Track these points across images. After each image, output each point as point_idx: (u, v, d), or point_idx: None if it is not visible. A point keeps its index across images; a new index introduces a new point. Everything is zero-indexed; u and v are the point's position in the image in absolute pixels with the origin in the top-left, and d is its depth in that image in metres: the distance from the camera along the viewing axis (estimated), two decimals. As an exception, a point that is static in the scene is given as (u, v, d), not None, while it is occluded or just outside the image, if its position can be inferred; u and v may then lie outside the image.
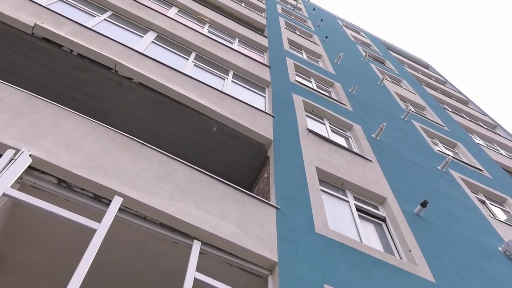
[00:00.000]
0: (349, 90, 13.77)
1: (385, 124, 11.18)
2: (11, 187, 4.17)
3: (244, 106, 8.88)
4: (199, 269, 4.61)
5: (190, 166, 6.01)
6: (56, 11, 8.15)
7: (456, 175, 11.46)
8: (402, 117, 14.27)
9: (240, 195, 6.05)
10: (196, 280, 4.45)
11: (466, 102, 23.84)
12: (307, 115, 10.40)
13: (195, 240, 4.96)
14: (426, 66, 30.24)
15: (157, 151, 5.92)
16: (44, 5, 8.12)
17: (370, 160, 9.41)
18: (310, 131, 9.24)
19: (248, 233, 5.38)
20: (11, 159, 4.41)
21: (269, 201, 6.43)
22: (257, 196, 6.29)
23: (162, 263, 5.30)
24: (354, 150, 9.83)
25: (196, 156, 8.27)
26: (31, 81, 7.54)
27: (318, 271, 5.37)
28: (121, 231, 4.90)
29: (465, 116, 20.32)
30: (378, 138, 10.94)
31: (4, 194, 4.06)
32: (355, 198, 7.95)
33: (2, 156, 4.37)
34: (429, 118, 16.45)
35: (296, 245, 5.65)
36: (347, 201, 7.76)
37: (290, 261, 5.31)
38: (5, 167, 4.30)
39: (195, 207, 5.30)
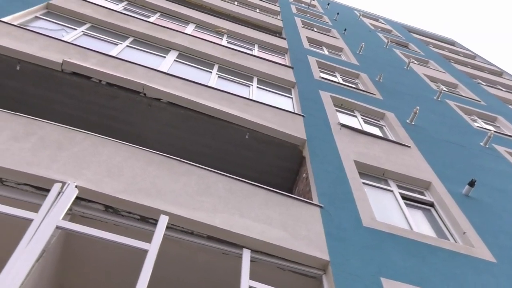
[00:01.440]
0: (376, 79, 13.57)
1: (418, 107, 10.94)
2: (62, 219, 4.33)
3: (272, 110, 8.90)
4: (252, 277, 4.62)
5: (229, 177, 6.06)
6: (81, 45, 8.44)
7: (501, 149, 11.07)
8: (434, 98, 13.93)
9: (282, 199, 6.05)
10: (250, 289, 4.47)
11: (500, 73, 23.01)
12: (337, 110, 10.30)
13: (244, 249, 4.98)
14: (452, 43, 29.43)
15: (195, 165, 6.01)
16: (69, 41, 8.43)
17: (409, 146, 9.22)
18: (343, 125, 9.16)
19: (295, 235, 5.36)
20: (59, 193, 4.58)
21: (312, 200, 6.40)
22: (299, 198, 6.28)
23: (214, 275, 5.35)
24: (391, 138, 9.67)
25: (232, 166, 8.32)
26: (66, 115, 7.80)
27: (372, 265, 5.29)
28: (171, 248, 4.98)
29: (501, 88, 19.62)
30: (413, 123, 10.72)
31: (57, 227, 4.22)
32: (399, 187, 7.80)
33: (51, 191, 4.55)
34: (463, 95, 15.99)
35: (346, 241, 5.59)
36: (391, 191, 7.63)
37: (342, 258, 5.26)
38: (55, 200, 4.47)
39: (240, 216, 5.33)
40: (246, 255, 4.90)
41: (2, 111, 5.68)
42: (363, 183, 7.40)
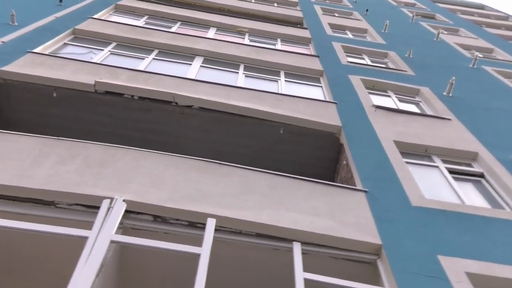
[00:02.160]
0: (405, 55, 13.25)
1: (454, 78, 10.60)
2: (115, 233, 4.48)
3: (304, 101, 8.85)
4: (305, 269, 4.61)
5: (270, 173, 6.08)
6: (110, 64, 8.70)
7: (547, 109, 10.57)
8: (470, 66, 13.45)
9: (325, 188, 6.01)
10: (306, 281, 4.45)
11: (536, 30, 21.96)
12: (369, 93, 10.12)
13: (294, 242, 4.98)
14: (481, 7, 28.30)
15: (235, 166, 6.07)
16: (98, 62, 8.70)
17: (449, 119, 8.96)
18: (377, 107, 8.99)
19: (344, 223, 5.32)
20: (109, 208, 4.74)
21: (355, 186, 6.32)
22: (342, 185, 6.23)
23: (267, 272, 5.38)
24: (429, 113, 9.43)
25: (271, 163, 8.32)
26: (105, 133, 8.00)
27: (427, 244, 5.18)
28: (222, 250, 5.02)
29: (540, 46, 18.71)
30: (450, 95, 10.39)
31: (111, 241, 4.37)
32: (444, 161, 7.58)
33: (101, 208, 4.71)
34: (501, 58, 15.36)
35: (396, 223, 5.50)
36: (436, 166, 7.43)
37: (395, 240, 5.17)
38: (106, 216, 4.63)
39: (286, 210, 5.34)
40: (297, 248, 4.90)
41: (47, 138, 5.92)
42: (406, 162, 7.23)
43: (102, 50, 9.88)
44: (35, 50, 8.64)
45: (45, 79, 7.69)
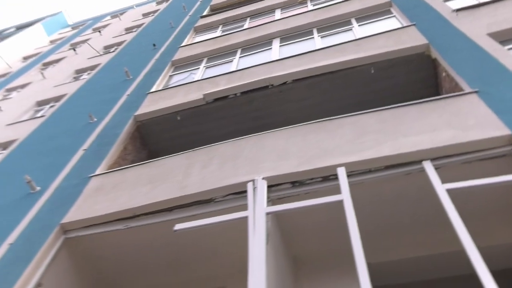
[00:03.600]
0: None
1: None
2: (267, 206, 4.71)
3: (382, 36, 8.29)
4: (443, 182, 4.34)
5: (375, 110, 5.82)
6: (208, 77, 9.09)
7: None
8: None
9: (434, 104, 5.57)
10: (449, 192, 4.18)
11: None
12: (444, 0, 9.06)
13: (423, 162, 4.71)
14: None
15: (342, 117, 5.93)
16: (199, 79, 9.14)
17: (538, -10, 7.62)
18: (458, 10, 8.01)
19: (465, 127, 4.87)
20: (254, 188, 4.99)
21: (464, 91, 5.74)
22: (450, 95, 5.70)
23: (407, 198, 5.15)
24: (515, -7, 8.12)
25: (372, 104, 7.91)
26: (225, 133, 8.39)
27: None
28: (358, 192, 4.94)
29: None
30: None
31: (267, 213, 4.60)
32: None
33: (248, 190, 4.99)
34: None
35: (519, 110, 4.88)
36: (543, 41, 6.40)
37: (524, 125, 4.60)
38: (254, 196, 4.89)
39: (404, 137, 5.07)
40: (428, 165, 4.62)
41: (187, 152, 6.41)
42: (509, 49, 6.36)
43: (198, 68, 10.36)
44: (151, 90, 9.40)
45: (168, 109, 8.33)
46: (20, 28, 27.80)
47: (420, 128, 5.11)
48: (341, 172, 4.76)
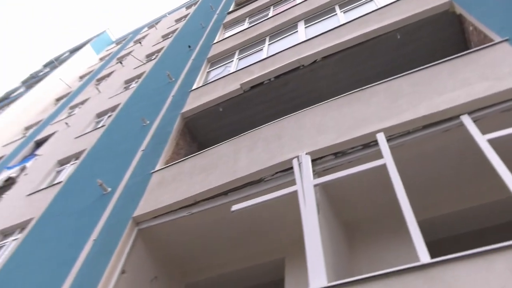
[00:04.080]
0: None
1: None
2: (314, 179, 4.67)
3: (404, 0, 7.81)
4: (484, 133, 4.07)
5: (407, 74, 5.56)
6: (243, 67, 9.05)
7: None
8: None
9: (465, 59, 5.22)
10: (490, 142, 3.93)
11: None
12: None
13: (460, 116, 4.45)
14: None
15: (374, 85, 5.72)
16: (234, 70, 9.14)
17: None
18: (478, -39, 7.38)
19: (500, 76, 4.54)
20: (299, 164, 4.96)
21: (494, 41, 5.32)
22: (481, 47, 5.31)
23: (448, 153, 4.89)
24: None
25: (402, 69, 7.55)
26: (266, 117, 8.31)
27: None
28: (399, 155, 4.76)
29: None
30: None
31: (314, 185, 4.57)
32: None
33: (294, 166, 4.98)
34: None
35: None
36: None
37: None
38: (300, 171, 4.86)
39: (438, 95, 4.81)
40: (466, 118, 4.36)
41: (232, 140, 6.46)
42: (536, -9, 5.79)
43: (232, 60, 10.35)
44: (193, 88, 9.53)
45: (210, 102, 8.42)
46: (73, 51, 29.06)
47: (454, 85, 4.82)
48: (381, 138, 4.61)
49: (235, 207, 4.91)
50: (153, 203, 6.04)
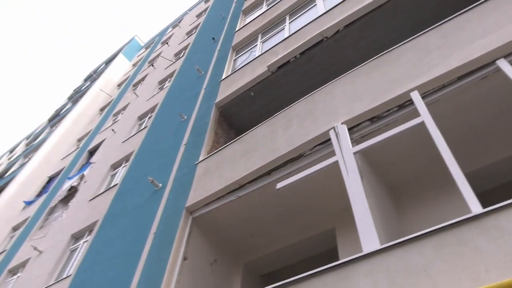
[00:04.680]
0: None
1: None
2: (353, 147, 4.61)
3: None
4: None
5: (432, 28, 5.28)
6: (267, 49, 8.98)
7: None
8: None
9: (493, 2, 4.84)
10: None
11: None
12: None
13: (496, 61, 4.18)
14: None
15: (400, 45, 5.49)
16: (259, 54, 9.08)
17: None
18: None
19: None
20: (336, 134, 4.90)
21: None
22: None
23: (487, 100, 4.58)
24: None
25: (427, 24, 7.17)
26: (297, 94, 8.22)
27: None
28: (436, 110, 4.57)
29: None
30: None
31: (354, 153, 4.51)
32: None
33: (331, 137, 4.94)
34: None
35: None
36: None
37: None
38: (338, 140, 4.81)
39: (469, 43, 4.53)
40: (502, 63, 4.10)
41: (268, 121, 6.48)
42: None
43: (256, 44, 10.28)
44: (223, 78, 9.60)
45: (240, 89, 8.47)
46: (108, 62, 30.12)
47: (485, 30, 4.52)
48: (415, 96, 4.44)
49: (279, 185, 4.96)
50: (202, 192, 6.24)
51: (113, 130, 14.83)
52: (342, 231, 5.33)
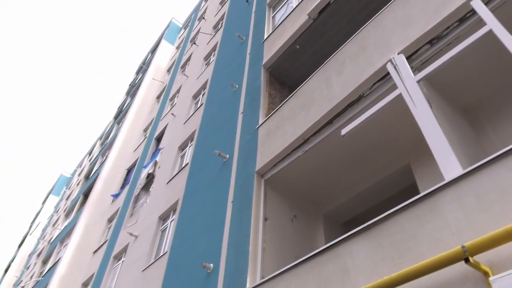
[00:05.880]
0: None
1: None
2: (415, 76, 4.36)
3: None
4: None
5: None
6: (303, -3, 8.62)
7: None
8: None
9: None
10: None
11: None
12: None
13: None
14: None
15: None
16: (296, 5, 8.77)
17: None
18: None
19: None
20: (394, 66, 4.66)
21: None
22: None
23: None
24: None
25: None
26: (345, 35, 7.78)
27: None
28: (505, 14, 4.13)
29: None
30: None
31: (417, 81, 4.27)
32: None
33: (389, 71, 4.70)
34: None
35: None
36: None
37: None
38: (397, 72, 4.57)
39: None
40: None
41: (319, 71, 6.34)
42: None
43: (291, -5, 9.91)
44: (265, 38, 9.47)
45: (285, 44, 8.31)
46: (152, 50, 31.12)
47: None
48: (477, 4, 4.02)
49: (344, 131, 4.90)
50: (268, 154, 6.39)
51: (172, 114, 15.53)
52: (418, 165, 5.17)
